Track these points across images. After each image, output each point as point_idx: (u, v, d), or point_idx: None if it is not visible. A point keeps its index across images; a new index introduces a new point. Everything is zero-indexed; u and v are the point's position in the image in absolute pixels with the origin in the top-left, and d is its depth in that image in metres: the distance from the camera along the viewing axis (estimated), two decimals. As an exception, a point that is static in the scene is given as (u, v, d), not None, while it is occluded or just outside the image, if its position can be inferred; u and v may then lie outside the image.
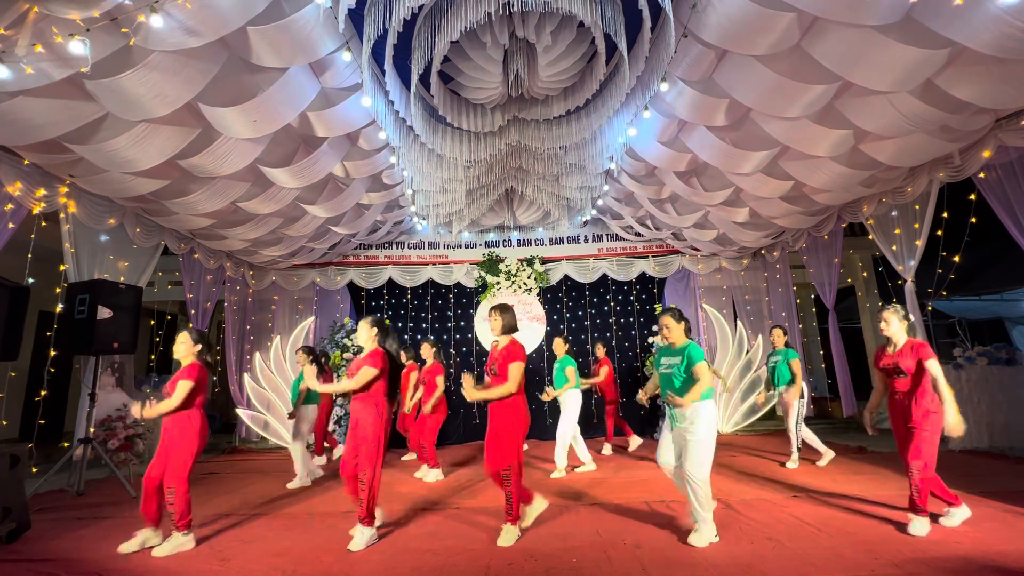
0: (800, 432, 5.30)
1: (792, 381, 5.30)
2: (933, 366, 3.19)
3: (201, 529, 3.73)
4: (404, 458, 6.48)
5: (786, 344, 5.56)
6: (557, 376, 5.45)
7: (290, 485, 5.04)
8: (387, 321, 7.92)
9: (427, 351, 5.72)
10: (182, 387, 3.32)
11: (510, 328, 3.52)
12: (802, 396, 5.33)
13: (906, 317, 3.40)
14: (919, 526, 3.17)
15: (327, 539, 3.42)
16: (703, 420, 3.15)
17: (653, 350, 7.65)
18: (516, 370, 3.36)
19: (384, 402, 3.43)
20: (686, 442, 3.17)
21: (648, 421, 7.83)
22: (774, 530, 3.35)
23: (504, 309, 3.54)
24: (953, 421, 3.07)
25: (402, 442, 7.04)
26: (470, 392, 3.41)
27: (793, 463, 5.23)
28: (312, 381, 3.64)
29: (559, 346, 5.67)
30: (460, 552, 3.16)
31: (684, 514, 3.54)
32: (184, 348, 3.49)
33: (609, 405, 6.65)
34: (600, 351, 6.84)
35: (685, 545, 3.11)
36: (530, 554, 3.09)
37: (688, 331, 3.35)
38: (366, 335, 3.53)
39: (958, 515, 3.28)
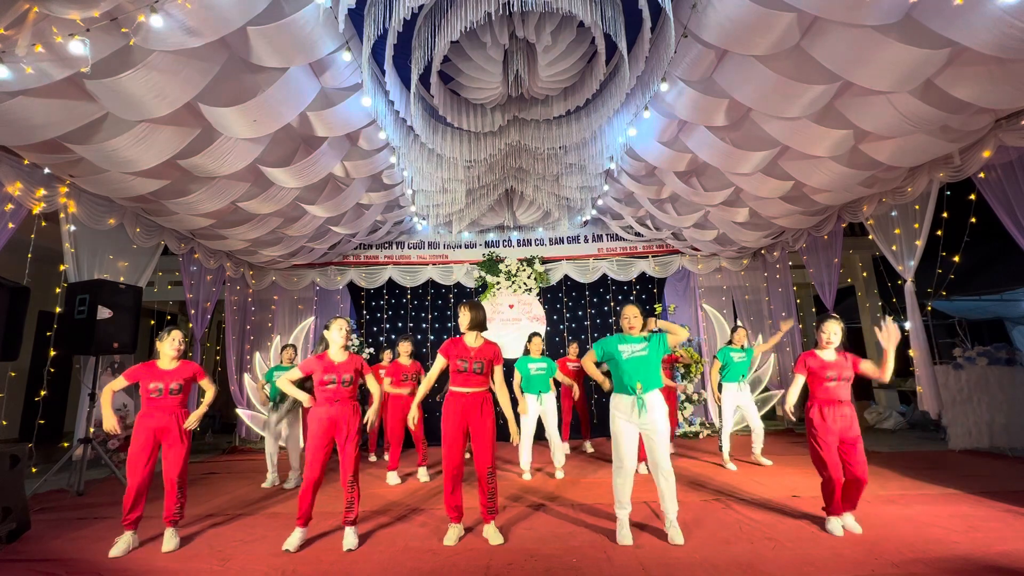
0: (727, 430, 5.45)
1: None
2: (868, 365, 3.42)
3: (200, 528, 3.74)
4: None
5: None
6: (543, 379, 5.32)
7: (286, 485, 5.09)
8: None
9: (406, 348, 5.61)
10: (208, 384, 3.75)
11: (480, 324, 3.49)
12: None
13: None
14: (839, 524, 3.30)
15: (327, 539, 3.41)
16: (664, 408, 3.29)
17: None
18: (499, 370, 3.52)
19: (357, 404, 3.55)
20: (656, 434, 3.21)
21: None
22: (774, 530, 3.35)
23: (477, 306, 3.52)
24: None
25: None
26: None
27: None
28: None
29: (537, 345, 5.53)
30: (460, 552, 3.16)
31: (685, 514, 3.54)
32: (181, 347, 3.61)
33: (580, 404, 6.64)
34: (574, 350, 6.84)
35: (684, 545, 3.11)
36: (530, 554, 3.09)
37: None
38: (341, 337, 3.50)
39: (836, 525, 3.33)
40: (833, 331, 3.44)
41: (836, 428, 3.32)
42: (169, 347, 3.53)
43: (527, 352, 5.55)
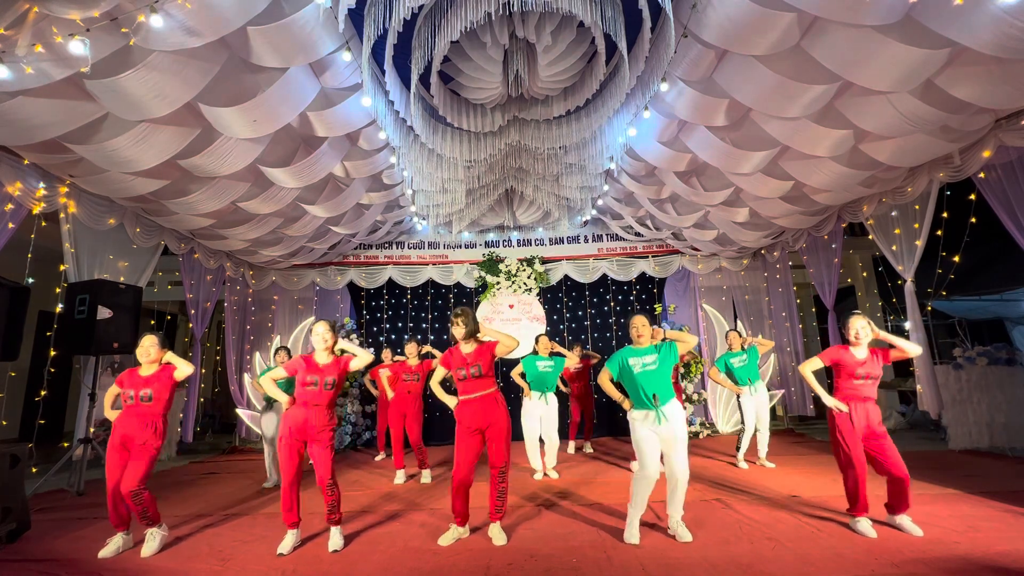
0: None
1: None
2: (895, 352, 3.40)
3: (199, 529, 3.74)
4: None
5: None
6: (552, 377, 5.33)
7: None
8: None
9: (412, 350, 5.71)
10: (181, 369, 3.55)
11: (472, 333, 3.50)
12: None
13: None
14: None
15: (326, 539, 3.40)
16: (683, 416, 3.30)
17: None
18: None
19: (334, 412, 3.52)
20: (676, 442, 3.21)
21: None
22: (774, 530, 3.35)
23: (467, 317, 3.50)
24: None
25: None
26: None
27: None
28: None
29: (545, 344, 5.50)
30: (460, 552, 3.16)
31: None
32: (156, 352, 3.52)
33: (587, 405, 6.64)
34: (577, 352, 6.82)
35: (684, 545, 3.12)
36: (530, 554, 3.09)
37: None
38: (328, 339, 3.45)
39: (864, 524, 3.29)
40: (860, 326, 3.40)
41: (860, 425, 3.32)
42: (140, 355, 3.48)
43: (535, 352, 5.54)
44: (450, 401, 3.53)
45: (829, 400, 3.47)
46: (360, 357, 3.46)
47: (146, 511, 3.27)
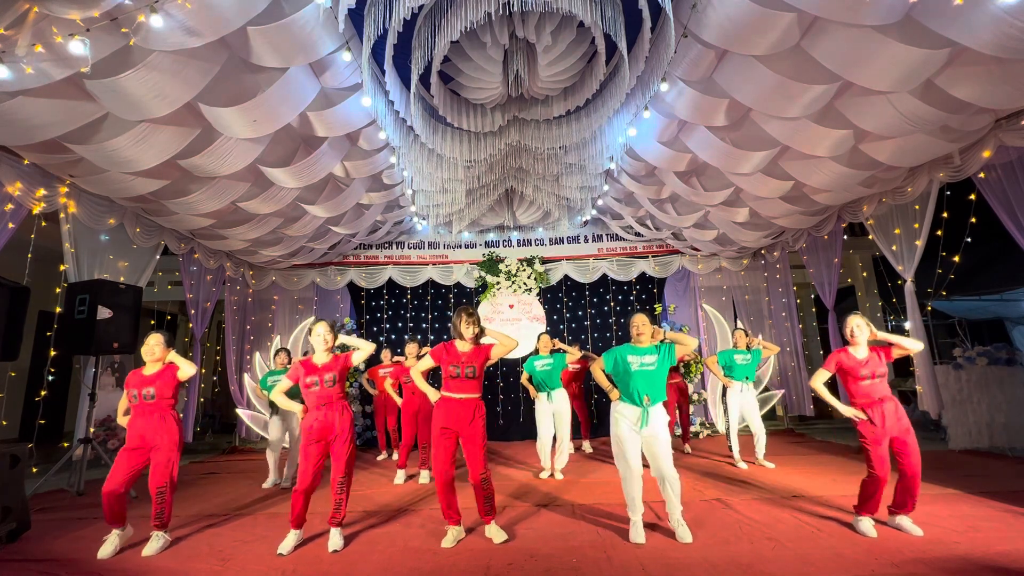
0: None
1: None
2: (896, 351, 3.42)
3: (200, 528, 3.74)
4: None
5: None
6: (554, 375, 5.32)
7: (284, 484, 5.10)
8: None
9: (412, 350, 5.72)
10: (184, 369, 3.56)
11: (480, 336, 3.51)
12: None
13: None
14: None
15: (327, 539, 3.40)
16: (666, 419, 3.33)
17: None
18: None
19: (347, 404, 3.53)
20: (658, 443, 3.23)
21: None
22: (774, 530, 3.35)
23: (479, 317, 3.52)
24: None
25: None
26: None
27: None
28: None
29: (546, 342, 5.51)
30: (460, 552, 3.16)
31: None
32: (160, 351, 3.53)
33: (579, 404, 6.60)
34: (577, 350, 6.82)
35: (685, 545, 3.12)
36: (530, 554, 3.09)
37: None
38: (328, 340, 3.47)
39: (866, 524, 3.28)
40: (855, 324, 3.42)
41: (886, 427, 3.26)
42: (145, 353, 3.50)
43: (536, 352, 5.54)
44: (432, 394, 3.52)
45: (846, 411, 3.41)
46: (362, 349, 3.51)
47: (162, 512, 3.32)
